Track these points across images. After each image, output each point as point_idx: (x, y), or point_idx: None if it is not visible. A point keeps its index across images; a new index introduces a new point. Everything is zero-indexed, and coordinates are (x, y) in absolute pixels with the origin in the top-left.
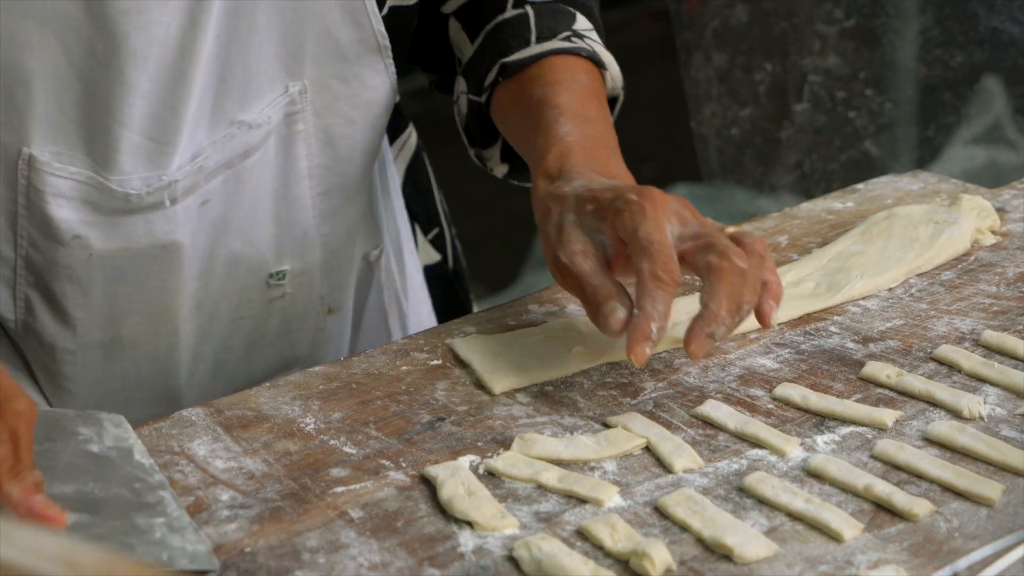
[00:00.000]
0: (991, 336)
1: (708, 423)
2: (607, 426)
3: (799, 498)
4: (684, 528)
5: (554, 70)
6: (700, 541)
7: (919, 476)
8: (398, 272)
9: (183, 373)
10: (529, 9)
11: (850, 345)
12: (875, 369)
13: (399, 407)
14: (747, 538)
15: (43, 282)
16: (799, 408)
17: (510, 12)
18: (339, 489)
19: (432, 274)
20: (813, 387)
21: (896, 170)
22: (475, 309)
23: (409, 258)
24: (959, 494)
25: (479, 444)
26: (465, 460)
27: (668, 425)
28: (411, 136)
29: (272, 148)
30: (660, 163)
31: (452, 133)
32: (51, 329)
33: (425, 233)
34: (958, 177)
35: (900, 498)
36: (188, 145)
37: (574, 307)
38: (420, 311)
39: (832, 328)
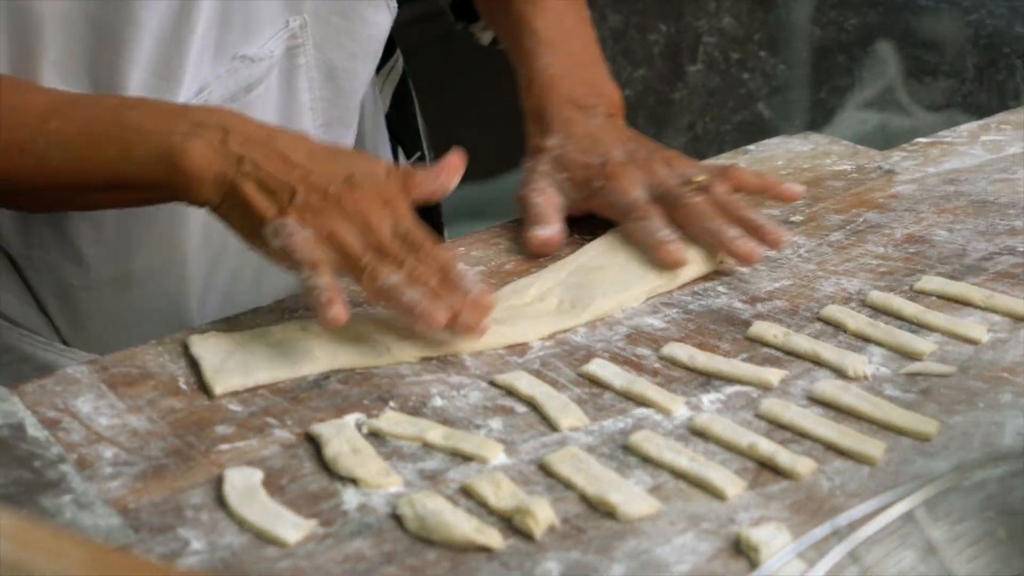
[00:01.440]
0: (877, 296)
1: (594, 382)
2: (494, 385)
3: (683, 456)
4: (568, 486)
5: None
6: (584, 499)
7: (803, 435)
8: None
9: (194, 304)
10: None
11: (737, 305)
12: (762, 329)
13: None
14: (630, 496)
15: (56, 221)
16: (686, 367)
17: None
18: (224, 447)
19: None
20: (700, 346)
21: (788, 132)
22: (446, 233)
23: None
24: (842, 453)
25: (365, 402)
26: (351, 418)
27: (554, 384)
28: (398, 62)
29: (275, 82)
30: None
31: (437, 66)
32: (65, 267)
33: (408, 156)
34: (849, 140)
35: (783, 457)
36: (193, 80)
37: (462, 265)
38: None
39: (720, 288)
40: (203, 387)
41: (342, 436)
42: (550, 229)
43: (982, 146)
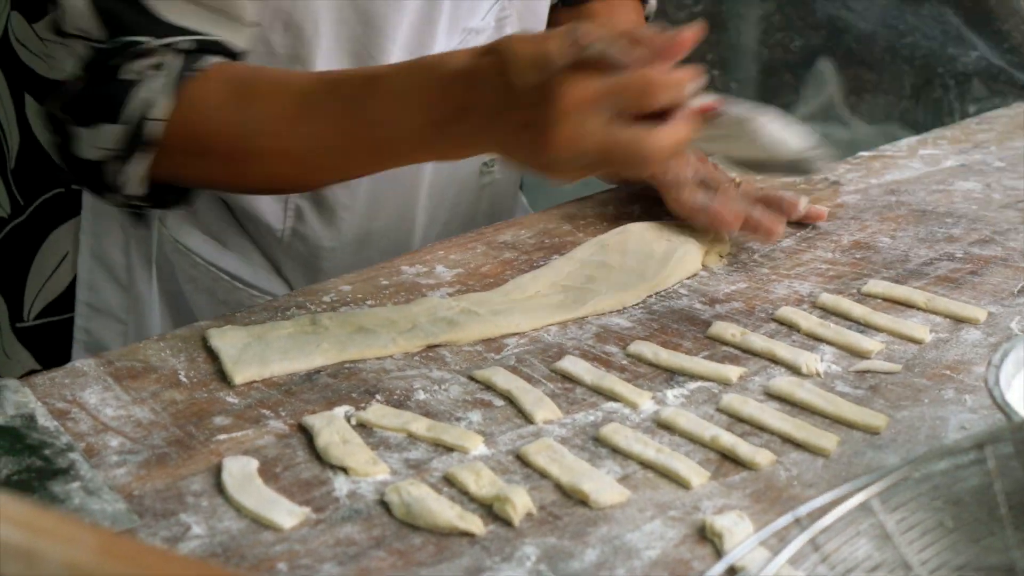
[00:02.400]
0: (827, 299)
1: (566, 377)
2: (473, 379)
3: (650, 448)
4: (544, 475)
5: (607, 11)
6: (559, 487)
7: (761, 428)
8: None
9: None
10: None
11: (698, 306)
12: (721, 328)
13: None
14: (602, 485)
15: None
16: (651, 364)
17: None
18: (222, 436)
19: None
20: (664, 344)
21: None
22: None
23: None
24: (798, 445)
25: (353, 395)
26: (340, 410)
27: (529, 379)
28: None
29: None
30: None
31: None
32: (317, 231)
33: None
34: None
35: (744, 448)
36: (436, 53)
37: (441, 267)
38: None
39: (681, 291)
40: (221, 377)
41: (332, 427)
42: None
43: (920, 159)
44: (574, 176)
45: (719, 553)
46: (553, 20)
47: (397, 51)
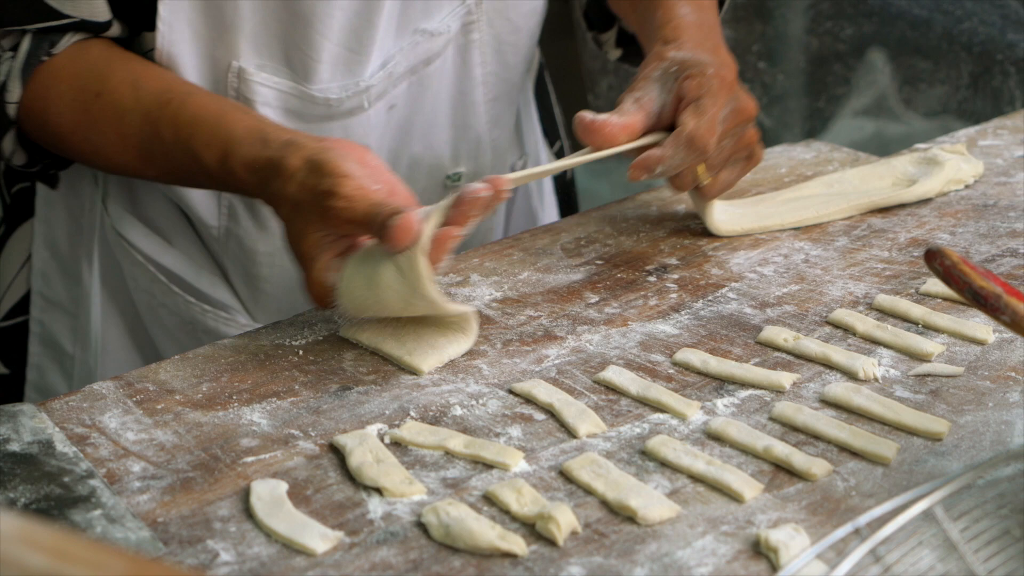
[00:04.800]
0: (884, 299)
1: (610, 388)
2: (512, 393)
3: (700, 460)
4: (588, 491)
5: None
6: (604, 504)
7: (816, 437)
8: (536, 181)
9: None
10: None
11: (747, 310)
12: (772, 333)
13: (307, 377)
14: (650, 500)
15: None
16: (699, 372)
17: None
18: (249, 459)
19: (556, 182)
20: (712, 352)
21: (788, 140)
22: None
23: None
24: (855, 454)
25: (386, 412)
26: (373, 428)
27: (571, 391)
28: (536, 54)
29: (450, 56)
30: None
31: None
32: (252, 234)
33: (550, 145)
34: (846, 147)
35: (798, 459)
36: (379, 53)
37: (476, 275)
38: (551, 216)
39: (730, 294)
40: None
41: (365, 446)
42: (607, 115)
43: (980, 151)
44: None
45: (774, 568)
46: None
47: (332, 47)
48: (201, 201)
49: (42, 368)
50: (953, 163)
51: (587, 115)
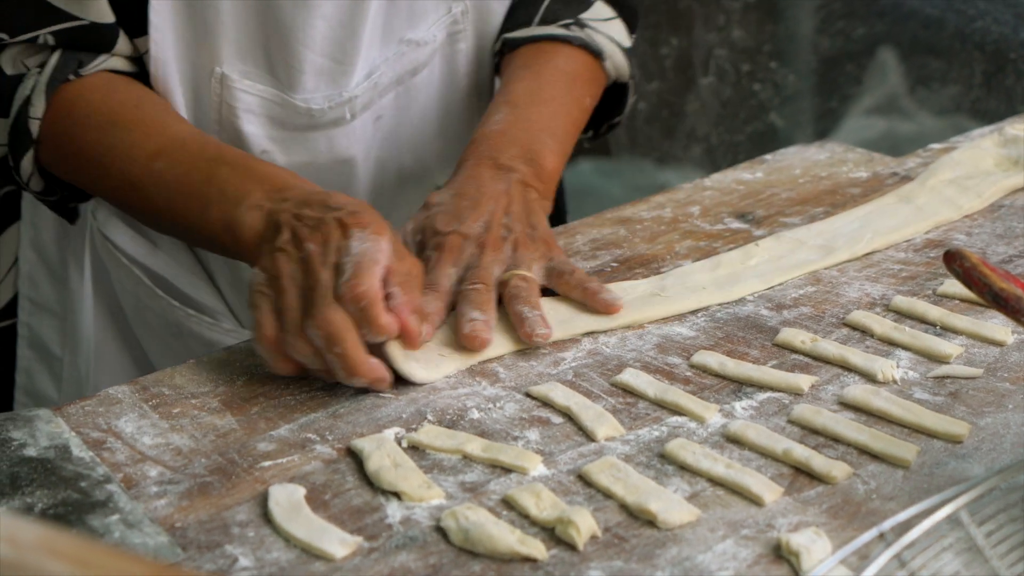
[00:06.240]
0: (901, 301)
1: (628, 391)
2: (529, 396)
3: (719, 463)
4: (608, 495)
5: (534, 55)
6: (624, 508)
7: (836, 440)
8: None
9: None
10: None
11: (764, 312)
12: (789, 335)
13: (324, 381)
14: (670, 504)
15: None
16: (717, 375)
17: None
18: (266, 463)
19: None
20: (730, 354)
21: (799, 141)
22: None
23: None
24: (875, 456)
25: (403, 416)
26: (390, 432)
27: (588, 394)
28: None
29: (437, 65)
30: None
31: None
32: None
33: None
34: (859, 147)
35: (818, 461)
36: (364, 63)
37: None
38: None
39: (747, 296)
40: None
41: (383, 450)
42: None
43: None
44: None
45: (796, 573)
46: (503, 65)
47: (315, 58)
48: None
49: (31, 372)
50: None
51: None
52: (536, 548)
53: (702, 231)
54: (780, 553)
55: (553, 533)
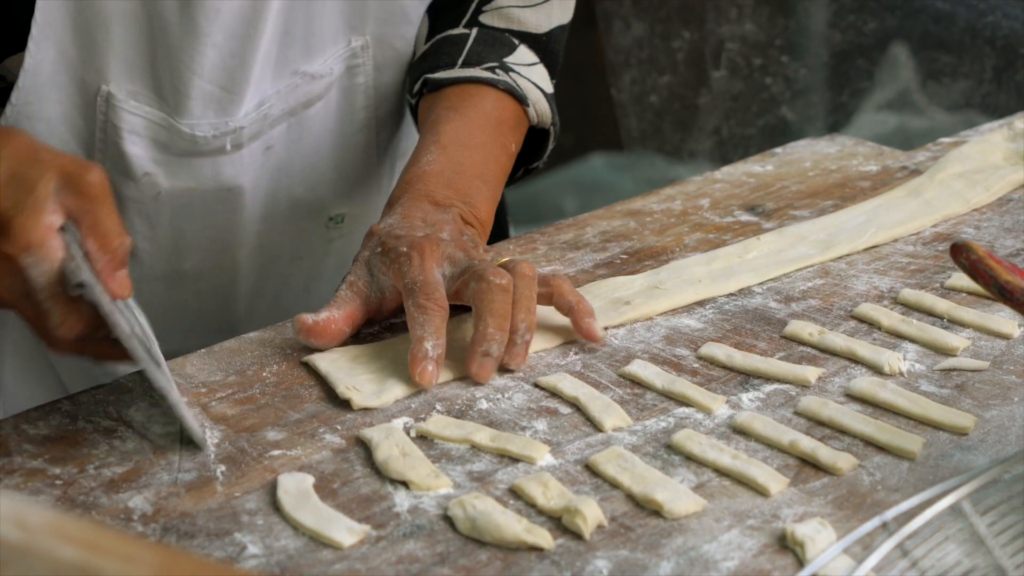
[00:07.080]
0: (909, 294)
1: (636, 382)
2: (537, 386)
3: (726, 454)
4: (614, 485)
5: (460, 96)
6: (630, 497)
7: (842, 431)
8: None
9: (242, 307)
10: (474, 32)
11: (772, 304)
12: (797, 327)
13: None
14: (676, 494)
15: None
16: (724, 367)
17: (458, 30)
18: (276, 452)
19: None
20: (737, 346)
21: (811, 135)
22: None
23: None
24: (881, 448)
25: (412, 406)
26: (399, 422)
27: (596, 385)
28: None
29: (334, 99)
30: (580, 132)
31: None
32: None
33: None
34: (870, 141)
35: (824, 453)
36: (254, 93)
37: None
38: None
39: (755, 288)
40: (330, 397)
41: (391, 440)
42: (326, 311)
43: None
44: None
45: (801, 563)
46: (421, 106)
47: (204, 84)
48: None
49: None
50: None
51: (307, 318)
52: (543, 537)
53: (712, 223)
54: (785, 543)
55: (560, 522)
